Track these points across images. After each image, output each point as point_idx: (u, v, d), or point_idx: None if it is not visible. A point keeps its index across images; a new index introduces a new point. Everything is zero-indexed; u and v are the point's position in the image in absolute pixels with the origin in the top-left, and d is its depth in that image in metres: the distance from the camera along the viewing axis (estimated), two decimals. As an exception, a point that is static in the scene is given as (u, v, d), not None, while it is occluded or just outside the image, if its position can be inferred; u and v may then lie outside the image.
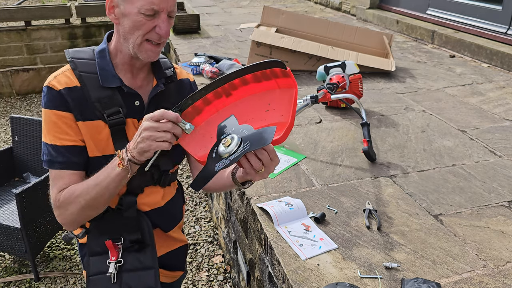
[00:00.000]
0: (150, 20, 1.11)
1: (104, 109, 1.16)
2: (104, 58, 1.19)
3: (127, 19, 1.11)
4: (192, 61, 3.77)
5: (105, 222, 1.25)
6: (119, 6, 1.12)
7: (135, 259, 1.26)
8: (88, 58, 1.20)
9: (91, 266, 1.25)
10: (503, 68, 3.80)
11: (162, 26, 1.12)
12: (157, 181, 1.30)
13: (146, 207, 1.30)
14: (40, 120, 2.95)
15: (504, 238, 1.69)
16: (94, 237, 1.26)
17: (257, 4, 7.32)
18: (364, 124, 2.32)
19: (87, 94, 1.16)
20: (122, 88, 1.19)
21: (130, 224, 1.26)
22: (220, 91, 1.22)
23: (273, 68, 1.13)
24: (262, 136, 1.00)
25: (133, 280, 1.24)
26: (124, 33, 1.14)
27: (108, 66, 1.19)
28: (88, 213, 1.16)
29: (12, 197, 2.84)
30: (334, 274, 1.50)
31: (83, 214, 1.16)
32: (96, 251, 1.26)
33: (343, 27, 3.98)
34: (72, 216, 1.15)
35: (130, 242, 1.25)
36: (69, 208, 1.13)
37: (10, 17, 5.84)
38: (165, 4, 1.11)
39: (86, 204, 1.13)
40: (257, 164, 1.00)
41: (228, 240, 2.68)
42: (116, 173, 1.08)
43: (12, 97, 6.04)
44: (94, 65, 1.19)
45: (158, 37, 1.14)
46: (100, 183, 1.11)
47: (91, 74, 1.17)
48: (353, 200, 1.93)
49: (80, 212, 1.14)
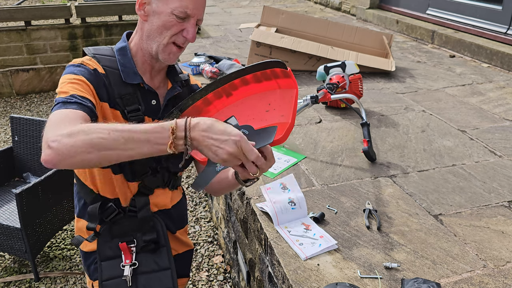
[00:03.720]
0: (180, 22, 1.13)
1: (125, 106, 1.17)
2: (125, 56, 1.20)
3: (157, 17, 1.13)
4: (192, 61, 3.77)
5: (117, 224, 1.24)
6: (151, 4, 1.14)
7: (151, 261, 1.25)
8: (109, 55, 1.21)
9: (103, 271, 1.23)
10: (503, 68, 3.80)
11: (190, 30, 1.14)
12: (167, 183, 1.30)
13: (155, 207, 1.30)
14: (40, 120, 2.95)
15: (504, 238, 1.69)
16: (105, 241, 1.24)
17: (257, 4, 7.31)
18: (364, 124, 2.32)
19: (110, 87, 1.16)
20: (142, 85, 1.20)
21: (144, 225, 1.25)
22: (221, 91, 1.22)
23: (274, 68, 1.13)
24: (263, 136, 1.00)
25: (150, 282, 1.23)
26: (150, 31, 1.15)
27: (130, 63, 1.20)
28: (91, 158, 0.90)
29: (12, 197, 2.84)
30: (334, 274, 1.50)
31: (86, 154, 0.89)
32: (108, 255, 1.24)
33: (343, 27, 3.98)
34: (72, 148, 0.88)
35: (144, 242, 1.24)
36: (76, 136, 0.89)
37: (10, 17, 5.84)
38: (197, 11, 1.14)
39: (97, 144, 0.89)
40: (252, 169, 0.98)
41: (228, 240, 2.68)
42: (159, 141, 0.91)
43: (12, 97, 6.04)
44: (115, 62, 1.19)
45: (183, 40, 1.16)
46: (132, 136, 0.90)
47: (114, 70, 1.18)
48: (353, 200, 1.93)
49: (84, 149, 0.89)
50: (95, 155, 0.90)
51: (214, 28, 5.49)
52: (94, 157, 0.90)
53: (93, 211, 1.23)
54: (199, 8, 1.14)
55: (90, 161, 0.91)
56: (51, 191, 2.63)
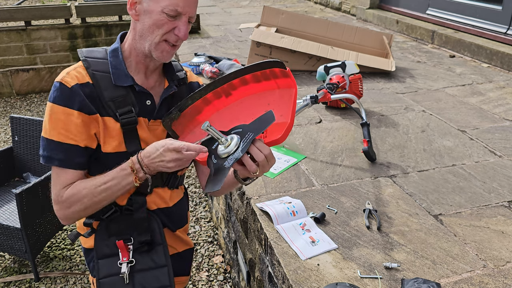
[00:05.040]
0: (171, 21, 1.13)
1: (117, 108, 1.17)
2: (116, 58, 1.20)
3: (148, 16, 1.13)
4: (192, 61, 3.77)
5: (114, 223, 1.25)
6: (142, 3, 1.14)
7: (147, 258, 1.26)
8: (101, 58, 1.21)
9: (100, 269, 1.23)
10: (503, 68, 3.80)
11: (182, 28, 1.14)
12: (166, 182, 1.30)
13: (154, 205, 1.30)
14: (40, 120, 2.94)
15: (504, 238, 1.69)
16: (102, 239, 1.25)
17: (257, 4, 7.32)
18: (364, 124, 2.32)
19: (99, 93, 1.16)
20: (134, 87, 1.20)
21: (140, 225, 1.25)
22: (220, 91, 1.22)
23: (273, 68, 1.13)
24: (260, 122, 1.02)
25: (147, 280, 1.24)
26: (142, 30, 1.15)
27: (121, 66, 1.19)
28: (89, 212, 1.18)
29: (12, 197, 2.84)
30: (334, 274, 1.50)
31: (85, 213, 1.18)
32: (104, 253, 1.24)
33: (343, 27, 3.98)
34: (73, 214, 1.17)
35: (139, 243, 1.25)
36: (73, 206, 1.15)
37: (10, 17, 5.84)
38: (188, 9, 1.13)
39: (90, 205, 1.15)
40: (252, 168, 1.01)
41: (228, 240, 2.68)
42: (127, 182, 1.13)
43: (12, 97, 6.04)
44: (107, 64, 1.19)
45: (176, 38, 1.16)
46: (109, 188, 1.14)
47: (104, 73, 1.18)
48: (353, 200, 1.93)
49: (83, 211, 1.17)
50: (93, 211, 1.18)
51: (214, 28, 5.49)
52: (93, 212, 1.19)
53: None
54: (190, 5, 1.14)
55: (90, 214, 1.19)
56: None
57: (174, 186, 1.34)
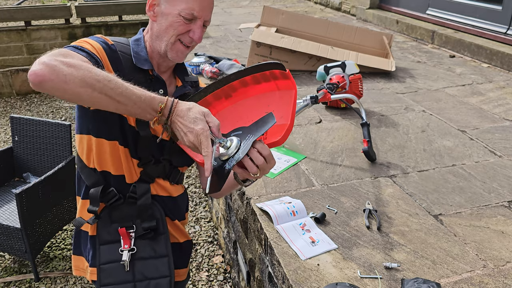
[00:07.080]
0: (187, 24, 1.16)
1: None
2: (139, 45, 1.25)
3: (165, 18, 1.17)
4: (192, 61, 3.77)
5: (118, 210, 1.27)
6: (160, 5, 1.18)
7: (149, 247, 1.27)
8: (124, 43, 1.25)
9: (101, 255, 1.26)
10: (503, 68, 3.80)
11: (196, 31, 1.18)
12: (168, 174, 1.32)
13: (160, 191, 1.32)
14: (40, 120, 2.95)
15: (504, 238, 1.69)
16: (105, 225, 1.27)
17: (257, 4, 7.31)
18: (364, 124, 2.32)
19: (122, 68, 1.19)
20: (151, 73, 1.23)
21: (144, 212, 1.27)
22: (220, 93, 1.22)
23: (273, 70, 1.13)
24: (261, 124, 1.02)
25: (147, 268, 1.26)
26: (159, 31, 1.19)
27: (142, 52, 1.23)
28: (82, 91, 0.93)
29: (12, 197, 2.84)
30: (334, 274, 1.50)
31: (78, 86, 0.92)
32: (106, 239, 1.26)
33: (343, 27, 3.97)
34: (71, 76, 0.92)
35: (143, 229, 1.26)
36: (78, 68, 0.94)
37: (10, 17, 5.84)
38: (204, 13, 1.17)
39: (85, 82, 0.93)
40: (253, 169, 1.02)
41: (228, 240, 2.68)
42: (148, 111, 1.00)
43: (12, 97, 6.04)
44: (129, 49, 1.24)
45: (190, 40, 1.19)
46: (128, 92, 0.98)
47: (127, 55, 1.22)
48: (353, 200, 1.93)
49: (82, 80, 0.93)
50: (88, 92, 0.94)
51: (214, 28, 5.49)
52: (87, 94, 0.94)
53: (94, 194, 1.25)
54: (206, 9, 1.17)
55: (81, 96, 0.94)
56: (51, 191, 2.64)
57: (175, 181, 1.36)
